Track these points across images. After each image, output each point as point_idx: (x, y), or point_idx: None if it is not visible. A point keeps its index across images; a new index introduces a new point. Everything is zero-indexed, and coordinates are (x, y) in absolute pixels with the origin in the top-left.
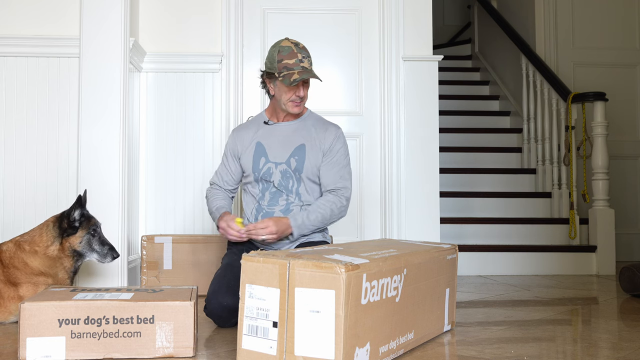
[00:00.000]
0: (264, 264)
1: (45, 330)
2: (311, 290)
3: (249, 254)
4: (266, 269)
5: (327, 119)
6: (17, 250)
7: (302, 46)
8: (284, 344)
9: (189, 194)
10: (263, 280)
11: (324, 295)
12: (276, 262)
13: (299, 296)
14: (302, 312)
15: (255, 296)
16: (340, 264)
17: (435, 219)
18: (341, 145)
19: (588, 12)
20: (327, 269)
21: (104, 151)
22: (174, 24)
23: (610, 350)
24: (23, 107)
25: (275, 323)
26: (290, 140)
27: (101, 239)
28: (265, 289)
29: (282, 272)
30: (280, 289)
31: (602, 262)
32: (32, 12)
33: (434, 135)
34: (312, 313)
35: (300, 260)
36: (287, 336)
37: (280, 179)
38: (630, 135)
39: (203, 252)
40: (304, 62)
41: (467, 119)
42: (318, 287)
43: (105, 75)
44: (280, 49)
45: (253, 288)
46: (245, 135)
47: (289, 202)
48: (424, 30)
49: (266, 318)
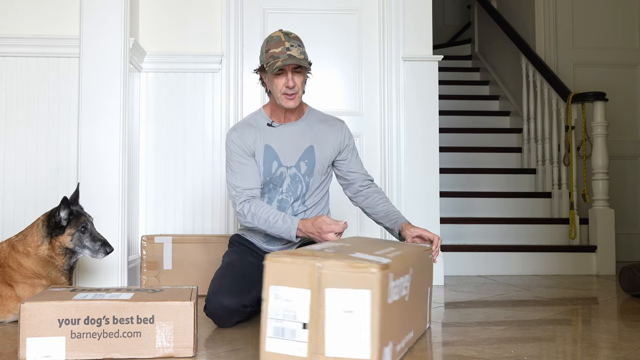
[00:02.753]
0: (293, 264)
1: (45, 330)
2: (344, 291)
3: (273, 255)
4: (295, 269)
5: (327, 114)
6: (12, 251)
7: (294, 36)
8: (315, 345)
9: (189, 194)
10: (291, 281)
11: (359, 295)
12: (306, 263)
13: (331, 296)
14: (333, 313)
15: (281, 297)
16: (373, 264)
17: (435, 219)
18: (352, 137)
19: (588, 12)
20: (361, 269)
21: (104, 151)
22: (174, 24)
23: (610, 350)
24: (23, 107)
25: (305, 324)
26: (299, 142)
27: (92, 235)
28: (293, 290)
29: (313, 273)
30: (311, 289)
31: (602, 262)
32: (32, 13)
33: (434, 135)
34: (345, 313)
35: (331, 261)
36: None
37: (289, 184)
38: (630, 135)
39: (203, 252)
40: (291, 50)
41: (467, 119)
42: (352, 287)
43: (105, 75)
44: (269, 39)
45: (279, 289)
46: (248, 136)
47: (294, 210)
48: (424, 31)
49: (294, 320)
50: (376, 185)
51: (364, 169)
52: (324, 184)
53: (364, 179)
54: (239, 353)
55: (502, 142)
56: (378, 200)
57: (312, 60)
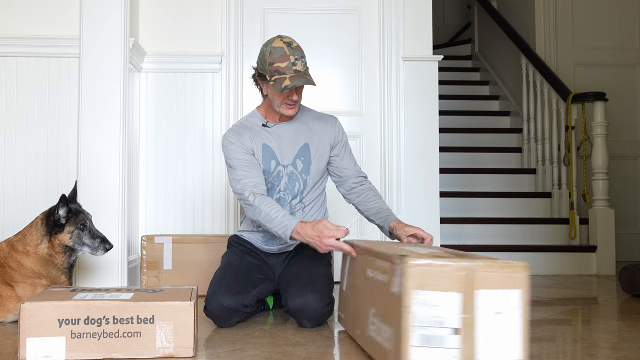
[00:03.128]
0: (440, 267)
1: (45, 330)
2: (495, 292)
3: (410, 259)
4: (443, 272)
5: (319, 111)
6: (11, 251)
7: (296, 45)
8: (467, 351)
9: (189, 194)
10: (439, 285)
11: (509, 296)
12: (454, 265)
13: (482, 298)
14: (484, 315)
15: (427, 303)
16: (517, 263)
17: (435, 218)
18: (344, 133)
19: (588, 12)
20: (511, 269)
21: (104, 151)
22: (174, 24)
23: (610, 350)
24: (23, 107)
25: (456, 330)
26: (294, 141)
27: (92, 232)
28: (442, 294)
29: (462, 275)
30: (461, 292)
31: (602, 262)
32: (32, 12)
33: (434, 135)
34: (495, 315)
35: (479, 262)
36: (469, 342)
37: (286, 182)
38: (630, 135)
39: (203, 252)
40: (296, 65)
41: (467, 119)
42: (502, 287)
43: (105, 75)
44: (272, 49)
45: (424, 294)
46: (245, 136)
47: (292, 207)
48: (424, 30)
49: (442, 325)
50: (369, 183)
51: (357, 166)
52: (321, 182)
53: (357, 176)
54: (239, 353)
55: (502, 142)
56: (370, 197)
57: (312, 60)
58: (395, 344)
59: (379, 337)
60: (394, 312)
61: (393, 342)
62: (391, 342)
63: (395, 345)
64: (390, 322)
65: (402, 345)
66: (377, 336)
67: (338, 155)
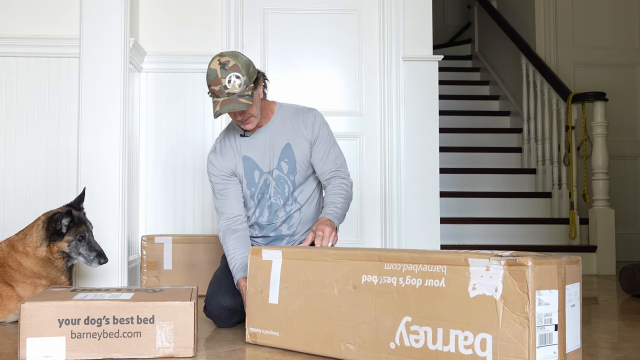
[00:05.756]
0: (548, 265)
1: (45, 330)
2: (572, 286)
3: (525, 260)
4: (548, 270)
5: (299, 106)
6: (11, 251)
7: (233, 64)
8: (562, 345)
9: (188, 194)
10: (547, 284)
11: (577, 289)
12: (553, 262)
13: (568, 293)
14: (567, 309)
15: (543, 302)
16: (576, 257)
17: (436, 218)
18: (324, 126)
19: (588, 12)
20: (577, 263)
21: (104, 151)
22: (174, 24)
23: (610, 350)
24: (23, 107)
25: (557, 326)
26: (274, 143)
27: (89, 245)
28: (549, 292)
29: (559, 272)
30: (558, 289)
31: (602, 262)
32: (32, 13)
33: (434, 135)
34: (571, 308)
35: (563, 257)
36: (563, 336)
37: (275, 187)
38: (630, 135)
39: (203, 252)
40: (229, 87)
41: (467, 119)
42: (575, 281)
43: (105, 75)
44: (209, 71)
45: (541, 294)
46: (227, 154)
47: (287, 211)
48: (424, 30)
49: (550, 323)
50: (340, 179)
51: (334, 165)
52: (311, 177)
53: (329, 171)
54: (239, 353)
55: (502, 142)
56: (328, 193)
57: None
58: (504, 349)
59: (445, 347)
60: (481, 317)
61: (491, 348)
62: (486, 349)
63: (498, 352)
64: (467, 328)
65: (530, 348)
66: (431, 345)
67: (316, 153)
